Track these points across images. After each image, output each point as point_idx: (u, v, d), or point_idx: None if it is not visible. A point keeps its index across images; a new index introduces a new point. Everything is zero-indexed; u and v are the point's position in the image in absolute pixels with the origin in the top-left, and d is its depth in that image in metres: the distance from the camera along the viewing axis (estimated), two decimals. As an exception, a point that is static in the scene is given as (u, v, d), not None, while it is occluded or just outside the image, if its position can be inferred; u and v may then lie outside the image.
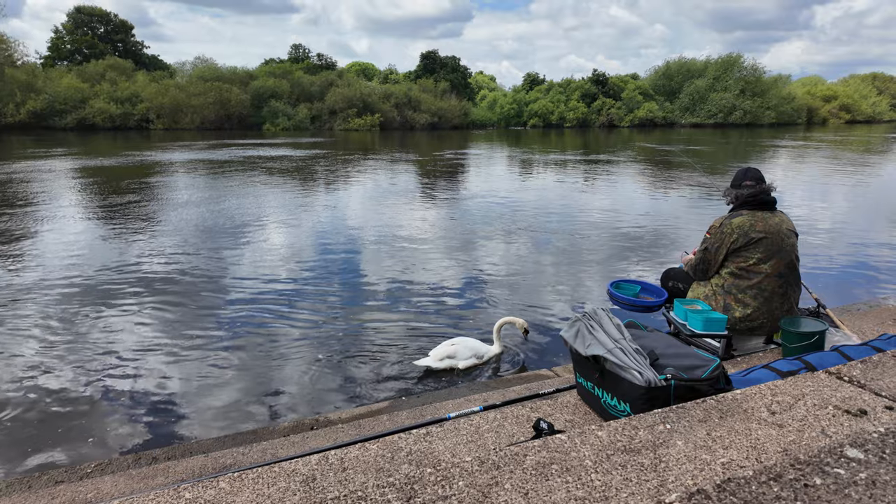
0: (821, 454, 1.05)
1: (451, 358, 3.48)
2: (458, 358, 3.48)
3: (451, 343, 3.54)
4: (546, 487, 1.32)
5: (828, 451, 1.06)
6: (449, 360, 3.48)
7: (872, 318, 3.72)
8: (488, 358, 3.56)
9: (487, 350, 3.58)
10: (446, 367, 3.48)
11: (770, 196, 2.98)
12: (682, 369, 1.86)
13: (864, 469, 1.01)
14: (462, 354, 3.49)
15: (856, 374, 1.95)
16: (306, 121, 43.65)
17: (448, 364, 3.48)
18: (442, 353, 3.50)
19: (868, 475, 0.99)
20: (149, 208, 9.42)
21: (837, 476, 0.99)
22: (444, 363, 3.48)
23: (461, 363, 3.47)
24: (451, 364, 3.49)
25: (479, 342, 3.60)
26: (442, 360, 3.48)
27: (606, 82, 52.91)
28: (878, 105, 62.75)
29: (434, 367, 3.48)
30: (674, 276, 3.36)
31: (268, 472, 1.61)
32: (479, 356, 3.52)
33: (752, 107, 50.55)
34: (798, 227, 3.12)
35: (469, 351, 3.50)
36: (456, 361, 3.48)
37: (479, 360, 3.52)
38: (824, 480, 0.98)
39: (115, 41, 50.65)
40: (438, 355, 3.50)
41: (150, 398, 3.21)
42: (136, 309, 4.64)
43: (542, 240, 7.19)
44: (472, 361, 3.49)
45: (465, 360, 3.48)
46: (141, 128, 40.32)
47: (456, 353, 3.48)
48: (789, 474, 1.00)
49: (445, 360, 3.48)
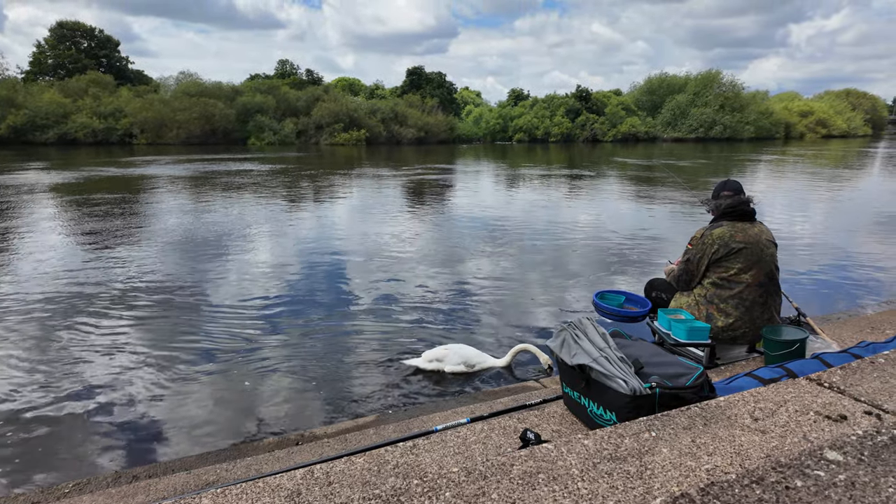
0: (801, 457, 1.07)
1: (440, 361, 3.49)
2: (446, 362, 3.48)
3: (445, 347, 3.58)
4: (533, 496, 1.32)
5: (808, 454, 1.08)
6: (437, 363, 3.50)
7: (852, 326, 3.79)
8: (483, 368, 3.51)
9: (483, 360, 3.54)
10: (434, 370, 3.50)
11: (749, 207, 3.04)
12: (666, 377, 1.88)
13: (844, 471, 1.03)
14: (450, 360, 3.48)
15: (835, 381, 1.99)
16: (292, 135, 43.64)
17: (436, 367, 3.50)
18: (432, 356, 3.53)
19: (847, 477, 1.01)
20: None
21: (818, 478, 1.01)
22: (431, 365, 3.51)
23: (447, 367, 3.47)
24: (439, 367, 3.50)
25: (476, 351, 3.57)
26: (431, 361, 3.52)
27: (590, 98, 53.78)
28: (852, 120, 64.51)
29: (422, 368, 3.54)
30: (657, 287, 3.40)
31: (252, 488, 1.58)
32: (470, 365, 3.49)
33: (731, 121, 51.67)
34: (780, 238, 3.20)
35: (458, 357, 3.49)
36: (443, 366, 3.49)
37: (470, 369, 3.48)
38: (805, 482, 0.99)
39: (100, 56, 50.34)
40: (429, 357, 3.54)
41: (130, 415, 3.14)
42: (114, 325, 4.56)
43: (529, 253, 7.23)
44: (459, 368, 3.47)
45: (452, 366, 3.47)
46: (124, 142, 39.95)
47: (444, 357, 3.49)
48: (771, 477, 1.01)
49: (434, 362, 3.51)
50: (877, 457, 1.08)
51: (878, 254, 7.09)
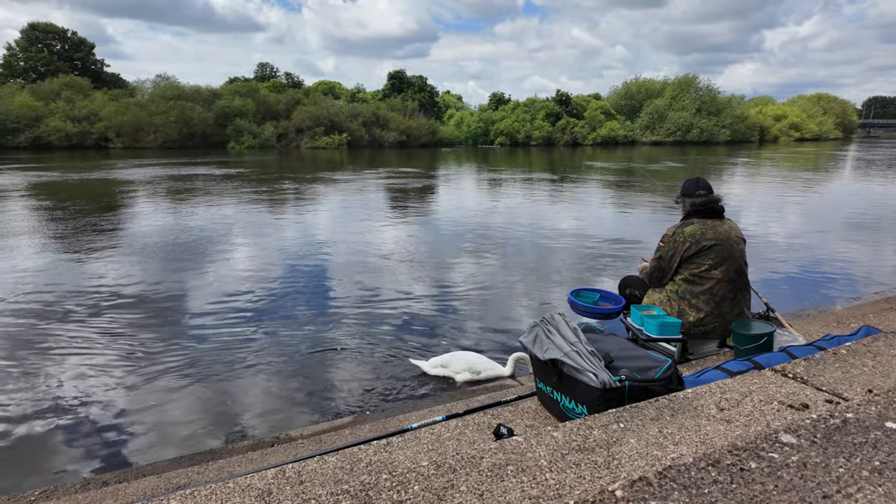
0: (757, 441, 1.10)
1: (445, 367, 3.48)
2: (451, 368, 3.45)
3: (450, 354, 3.57)
4: (501, 488, 1.33)
5: (764, 438, 1.11)
6: (442, 369, 3.49)
7: (820, 321, 3.89)
8: (489, 376, 3.41)
9: (490, 368, 3.44)
10: (439, 375, 3.49)
11: (719, 205, 3.11)
12: (636, 370, 1.91)
13: (797, 452, 1.06)
14: (455, 366, 3.45)
15: (799, 371, 2.04)
16: (272, 139, 43.23)
17: (441, 372, 3.49)
18: (437, 362, 3.53)
19: (799, 458, 1.04)
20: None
21: (771, 460, 1.04)
22: (437, 370, 3.51)
23: (458, 376, 3.42)
24: (444, 373, 3.48)
25: (482, 358, 3.50)
26: (436, 367, 3.51)
27: (570, 102, 54.35)
28: (824, 124, 66.31)
29: (427, 372, 3.53)
30: (631, 284, 3.45)
31: (222, 489, 1.57)
32: (476, 371, 3.41)
33: (708, 125, 52.68)
34: (754, 237, 3.27)
35: (463, 364, 3.44)
36: (448, 371, 3.46)
37: (475, 376, 3.41)
38: (759, 464, 1.02)
39: (74, 59, 49.32)
40: (434, 363, 3.54)
41: (101, 421, 3.08)
42: (82, 330, 4.46)
43: (510, 254, 7.27)
44: (466, 375, 3.41)
45: (458, 373, 3.42)
46: (100, 147, 39.16)
47: (449, 364, 3.47)
48: (727, 460, 1.03)
49: (439, 368, 3.50)
50: (828, 439, 1.11)
51: (848, 252, 7.29)
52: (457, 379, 3.42)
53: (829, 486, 0.97)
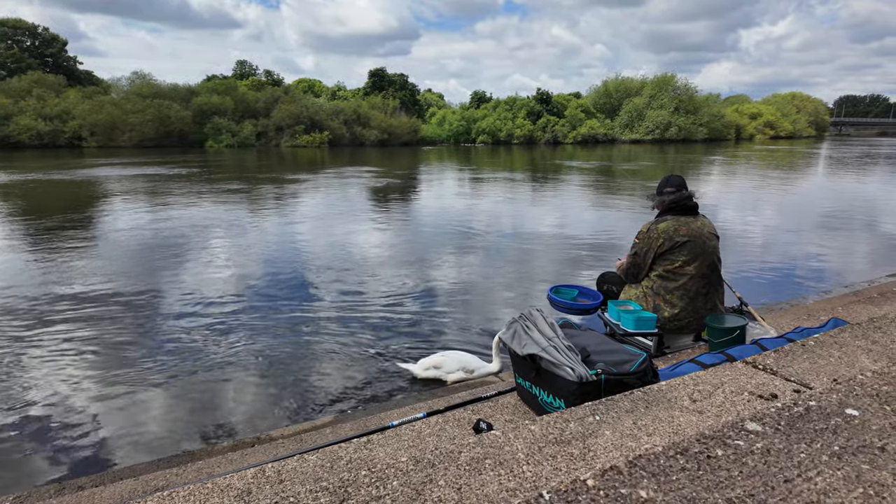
0: (724, 429, 1.13)
1: (437, 368, 3.41)
2: (443, 369, 3.39)
3: (442, 354, 3.49)
4: (479, 481, 1.35)
5: (730, 426, 1.14)
6: (434, 371, 3.41)
7: (792, 314, 4.00)
8: (482, 374, 3.37)
9: (481, 366, 3.40)
10: (431, 377, 3.42)
11: (692, 202, 3.17)
12: (612, 364, 1.94)
13: (761, 440, 1.10)
14: (448, 367, 3.39)
15: (769, 363, 2.10)
16: (251, 137, 42.69)
17: (433, 374, 3.41)
18: (428, 363, 3.44)
19: (764, 445, 1.08)
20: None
21: (737, 447, 1.07)
22: (428, 373, 3.42)
23: (449, 376, 3.36)
24: (436, 374, 3.40)
25: (473, 357, 3.46)
26: (427, 369, 3.43)
27: (550, 100, 54.70)
28: (797, 122, 67.90)
29: (418, 375, 3.44)
30: (608, 280, 3.51)
31: (200, 490, 1.56)
32: (469, 370, 3.37)
33: (686, 123, 53.51)
34: (731, 233, 3.35)
35: (456, 364, 3.39)
36: (441, 373, 3.39)
37: (469, 375, 3.37)
38: (725, 452, 1.05)
39: (45, 56, 48.01)
40: (425, 364, 3.45)
41: (77, 424, 3.02)
42: (55, 332, 4.37)
43: (492, 252, 7.31)
44: (459, 375, 3.36)
45: (452, 374, 3.37)
46: (73, 146, 38.22)
47: (442, 365, 3.40)
48: (695, 448, 1.07)
49: (431, 369, 3.42)
50: (791, 426, 1.16)
51: (819, 247, 7.50)
52: (449, 379, 3.35)
53: (790, 471, 1.02)
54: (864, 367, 2.00)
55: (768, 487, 0.98)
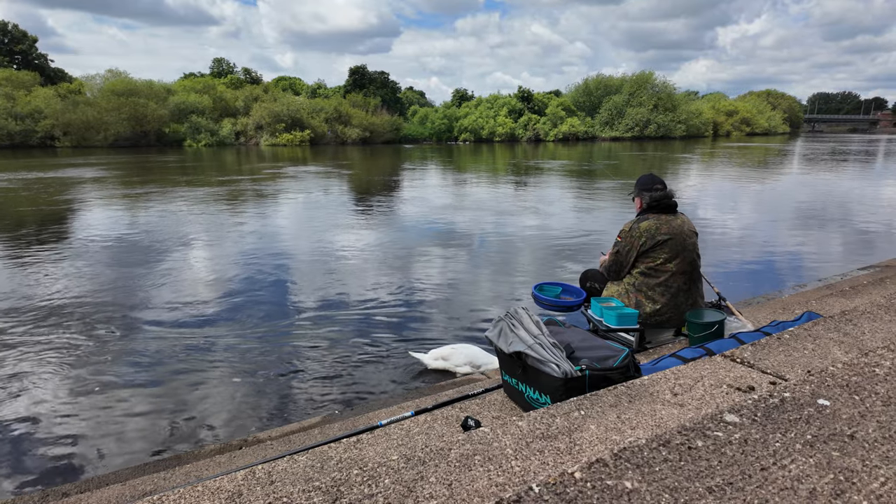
0: (704, 421, 1.18)
1: (446, 360, 3.47)
2: (451, 362, 3.44)
3: (451, 347, 3.56)
4: (469, 477, 1.38)
5: (710, 418, 1.19)
6: (443, 362, 3.48)
7: (768, 308, 4.11)
8: (489, 369, 3.38)
9: (489, 361, 3.42)
10: (439, 368, 3.48)
11: (672, 200, 3.24)
12: (595, 360, 1.99)
13: (739, 430, 1.15)
14: (456, 360, 3.44)
15: (746, 356, 2.17)
16: (230, 136, 42.15)
17: (442, 365, 3.47)
18: (437, 354, 3.51)
19: (741, 435, 1.13)
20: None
21: (716, 438, 1.12)
22: (437, 363, 3.49)
23: (458, 369, 3.41)
24: (445, 366, 3.46)
25: (482, 351, 3.50)
26: (437, 359, 3.50)
27: (532, 98, 55.05)
28: (772, 119, 69.41)
29: (428, 365, 3.52)
30: (591, 277, 3.57)
31: (190, 493, 1.56)
32: (476, 365, 3.41)
33: (665, 121, 54.34)
34: (709, 229, 3.43)
35: (463, 357, 3.44)
36: (449, 364, 3.44)
37: (476, 370, 3.40)
38: (705, 443, 1.10)
39: (14, 53, 46.72)
40: (434, 355, 3.52)
41: (58, 432, 2.98)
42: (40, 337, 4.29)
43: (476, 252, 7.36)
44: (466, 368, 3.40)
45: (459, 366, 3.42)
46: (45, 146, 37.29)
47: (450, 357, 3.46)
48: (676, 440, 1.11)
49: (440, 360, 3.49)
50: (767, 416, 1.21)
51: (795, 242, 7.70)
52: (458, 372, 3.40)
53: (766, 460, 1.07)
54: (836, 358, 2.08)
55: (746, 475, 1.03)
